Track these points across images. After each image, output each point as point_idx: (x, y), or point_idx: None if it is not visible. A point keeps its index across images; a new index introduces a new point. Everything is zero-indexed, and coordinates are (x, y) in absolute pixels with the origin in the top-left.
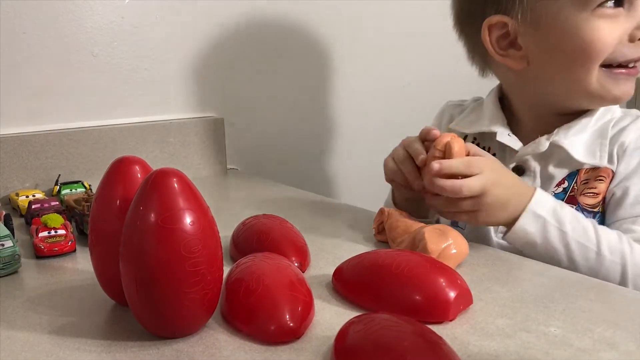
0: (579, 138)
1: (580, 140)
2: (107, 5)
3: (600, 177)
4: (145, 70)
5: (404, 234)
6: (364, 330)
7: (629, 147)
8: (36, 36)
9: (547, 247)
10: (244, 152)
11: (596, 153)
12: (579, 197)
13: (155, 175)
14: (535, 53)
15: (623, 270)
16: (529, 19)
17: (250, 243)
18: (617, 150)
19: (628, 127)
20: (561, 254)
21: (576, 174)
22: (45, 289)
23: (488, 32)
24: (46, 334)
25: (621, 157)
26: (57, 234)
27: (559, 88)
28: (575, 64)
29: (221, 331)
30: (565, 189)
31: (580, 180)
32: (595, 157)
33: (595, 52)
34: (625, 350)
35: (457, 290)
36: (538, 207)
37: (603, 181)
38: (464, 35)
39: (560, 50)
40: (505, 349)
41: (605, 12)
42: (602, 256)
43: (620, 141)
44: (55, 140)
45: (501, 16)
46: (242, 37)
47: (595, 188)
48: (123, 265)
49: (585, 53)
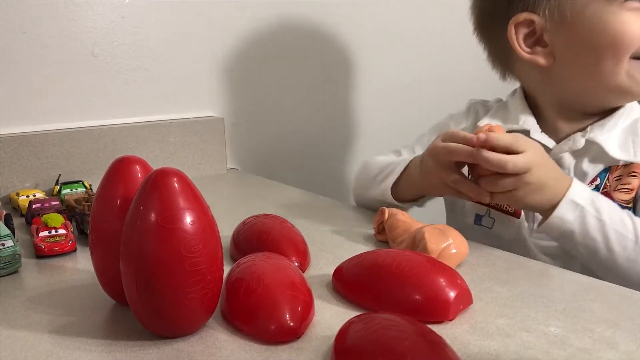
0: (611, 135)
1: (613, 137)
2: (108, 5)
3: (634, 172)
4: (146, 70)
5: (404, 234)
6: (364, 330)
7: None
8: (36, 36)
9: (585, 237)
10: (244, 152)
11: (629, 149)
12: (612, 193)
13: (155, 174)
14: (562, 49)
15: None
16: (555, 15)
17: (251, 243)
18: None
19: None
20: (599, 243)
21: (608, 170)
22: (46, 289)
23: (515, 31)
24: (46, 333)
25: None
26: (57, 234)
27: (586, 83)
28: (604, 58)
29: (221, 331)
30: (597, 186)
31: (613, 177)
32: (629, 153)
33: (625, 44)
34: (625, 350)
35: (457, 290)
36: (576, 196)
37: (636, 177)
38: (485, 38)
39: (588, 44)
40: (505, 348)
41: (633, 5)
42: (639, 245)
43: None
44: (56, 140)
45: (528, 14)
46: (242, 37)
47: (630, 184)
48: (123, 265)
49: (615, 46)
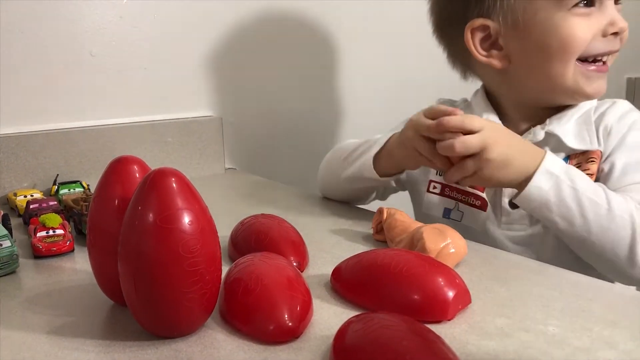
0: (567, 127)
1: (569, 129)
2: (106, 5)
3: (592, 158)
4: (144, 69)
5: (402, 234)
6: (362, 330)
7: (612, 128)
8: (34, 36)
9: (560, 205)
10: (243, 152)
11: (585, 138)
12: None
13: (153, 175)
14: (517, 52)
15: (632, 226)
16: (509, 21)
17: (249, 243)
18: (602, 133)
19: (608, 111)
20: (574, 211)
21: (567, 160)
22: (44, 289)
23: (471, 35)
24: (44, 334)
25: (606, 138)
26: (55, 234)
27: (539, 84)
28: (554, 60)
29: (220, 331)
30: None
31: (573, 164)
32: (585, 141)
33: (572, 47)
34: (623, 349)
35: (456, 290)
36: (551, 166)
37: (595, 162)
38: (444, 41)
39: (539, 47)
40: (503, 348)
41: (579, 11)
42: (612, 212)
43: (603, 124)
44: (54, 139)
45: (483, 19)
46: (241, 36)
47: (589, 169)
48: (121, 265)
49: (563, 48)
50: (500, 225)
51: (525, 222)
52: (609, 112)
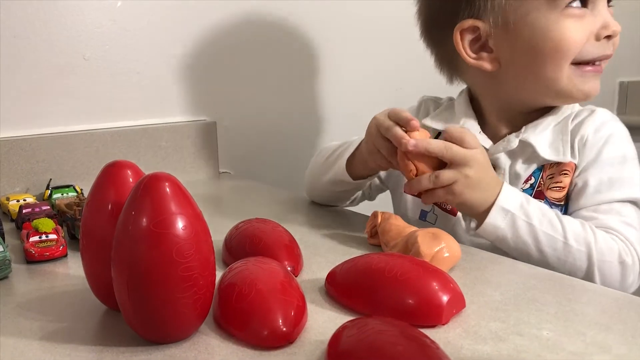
0: (542, 136)
1: (544, 138)
2: (99, 9)
3: (565, 171)
4: (137, 73)
5: (396, 238)
6: (357, 335)
7: (588, 140)
8: (27, 39)
9: (517, 241)
10: (237, 156)
11: (559, 149)
12: (546, 191)
13: (147, 179)
14: (507, 54)
15: (589, 257)
16: (500, 22)
17: (243, 247)
18: (578, 144)
19: (585, 121)
20: (530, 245)
21: (541, 169)
22: (36, 294)
23: (460, 37)
24: (37, 340)
25: (581, 150)
26: (48, 239)
27: (530, 86)
28: (547, 63)
29: (214, 336)
30: (532, 184)
31: (546, 175)
32: (559, 153)
33: (566, 50)
34: (617, 353)
35: (450, 294)
36: (506, 202)
37: (567, 175)
38: (432, 43)
39: (531, 50)
40: (498, 352)
41: (572, 12)
42: (569, 245)
43: (579, 135)
44: (47, 144)
45: (473, 20)
46: (234, 40)
47: (561, 182)
48: (115, 270)
49: (557, 51)
50: (468, 232)
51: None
52: (587, 121)
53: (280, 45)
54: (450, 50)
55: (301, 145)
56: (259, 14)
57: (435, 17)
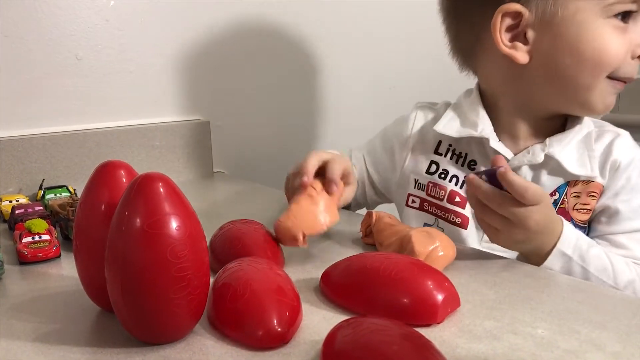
0: (568, 149)
1: (570, 152)
2: (91, 8)
3: (593, 193)
4: (130, 73)
5: (391, 237)
6: (352, 335)
7: (621, 164)
8: (19, 39)
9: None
10: (231, 155)
11: (586, 164)
12: (571, 212)
13: (140, 180)
14: (543, 50)
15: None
16: (547, 13)
17: (224, 249)
18: (610, 166)
19: (616, 143)
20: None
21: (566, 185)
22: (29, 296)
23: (500, 20)
24: (30, 341)
25: (613, 173)
26: (41, 240)
27: (557, 89)
28: (585, 69)
29: (208, 337)
30: (556, 200)
31: (570, 193)
32: (586, 168)
33: (608, 62)
34: (611, 351)
35: (445, 293)
36: (566, 246)
37: (595, 197)
38: (457, 21)
39: (571, 52)
40: (493, 351)
41: (617, 24)
42: (617, 288)
43: (612, 158)
44: (39, 144)
45: (520, 5)
46: (228, 39)
47: (589, 204)
48: (108, 271)
49: (597, 61)
50: (481, 243)
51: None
52: (618, 144)
53: (274, 45)
54: (476, 32)
55: (295, 145)
56: (252, 14)
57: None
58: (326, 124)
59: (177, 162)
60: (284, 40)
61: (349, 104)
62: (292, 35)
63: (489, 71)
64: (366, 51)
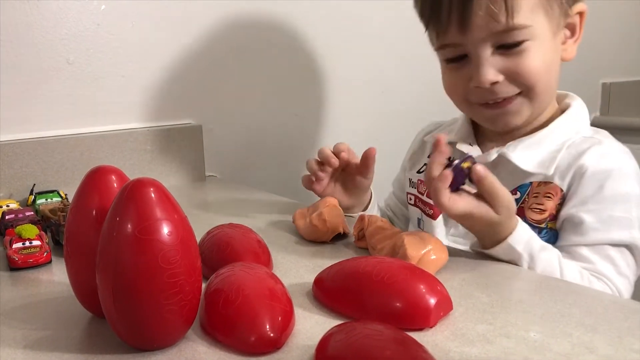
0: (528, 152)
1: (529, 154)
2: (82, 12)
3: (548, 194)
4: (122, 77)
5: (384, 241)
6: (345, 340)
7: (587, 171)
8: (9, 43)
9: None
10: (223, 159)
11: (544, 164)
12: (526, 211)
13: (131, 185)
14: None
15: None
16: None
17: (212, 253)
18: (575, 171)
19: (588, 151)
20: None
21: (529, 186)
22: (20, 302)
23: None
24: (20, 348)
25: (578, 179)
26: (32, 245)
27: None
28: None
29: (200, 342)
30: (517, 199)
31: (532, 193)
32: (542, 167)
33: (448, 94)
34: (603, 354)
35: (437, 297)
36: (516, 240)
37: (550, 198)
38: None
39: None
40: (485, 355)
41: (449, 65)
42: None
43: (579, 163)
44: (30, 148)
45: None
46: (219, 42)
47: (543, 204)
48: (99, 277)
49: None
50: (447, 237)
51: (470, 238)
52: (592, 152)
53: (266, 48)
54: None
55: (288, 148)
56: (244, 18)
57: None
58: (319, 127)
59: (169, 167)
60: (276, 44)
61: (343, 107)
62: (286, 39)
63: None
64: (360, 54)
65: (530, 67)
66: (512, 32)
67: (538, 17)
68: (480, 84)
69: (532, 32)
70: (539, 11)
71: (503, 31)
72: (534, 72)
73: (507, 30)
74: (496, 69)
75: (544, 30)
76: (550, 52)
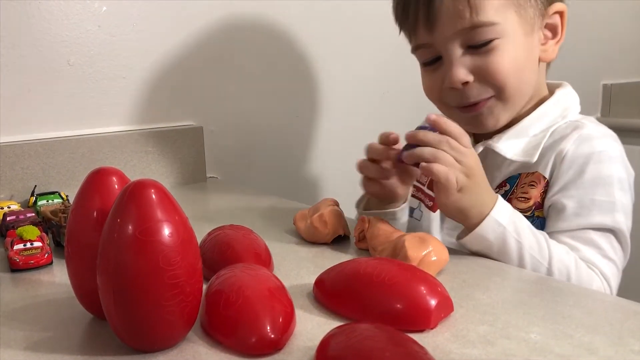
0: (513, 141)
1: (515, 142)
2: (83, 14)
3: (532, 182)
4: (123, 79)
5: (384, 242)
6: (345, 341)
7: (567, 155)
8: (10, 45)
9: (502, 255)
10: (224, 161)
11: (528, 152)
12: (512, 201)
13: (132, 186)
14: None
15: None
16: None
17: (213, 254)
18: (555, 158)
19: (569, 135)
20: (514, 262)
21: (517, 177)
22: (21, 304)
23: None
24: (22, 350)
25: (558, 165)
26: (33, 247)
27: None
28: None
29: (201, 344)
30: (506, 191)
31: (520, 184)
32: (527, 154)
33: (427, 96)
34: (604, 355)
35: (438, 298)
36: (500, 215)
37: (534, 187)
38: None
39: None
40: (486, 356)
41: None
42: (551, 272)
43: (559, 148)
44: (31, 150)
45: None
46: (220, 44)
47: (527, 193)
48: (100, 278)
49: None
50: (442, 229)
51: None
52: (572, 137)
53: (267, 50)
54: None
55: (289, 150)
56: (245, 19)
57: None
58: (320, 128)
59: (170, 168)
60: (277, 45)
61: (343, 109)
62: (287, 41)
63: None
64: (361, 55)
65: (499, 65)
66: (478, 29)
67: (508, 15)
68: (452, 84)
69: (501, 30)
70: (508, 9)
71: (470, 28)
72: (504, 70)
73: (473, 27)
74: (467, 68)
75: (515, 28)
76: (523, 52)
